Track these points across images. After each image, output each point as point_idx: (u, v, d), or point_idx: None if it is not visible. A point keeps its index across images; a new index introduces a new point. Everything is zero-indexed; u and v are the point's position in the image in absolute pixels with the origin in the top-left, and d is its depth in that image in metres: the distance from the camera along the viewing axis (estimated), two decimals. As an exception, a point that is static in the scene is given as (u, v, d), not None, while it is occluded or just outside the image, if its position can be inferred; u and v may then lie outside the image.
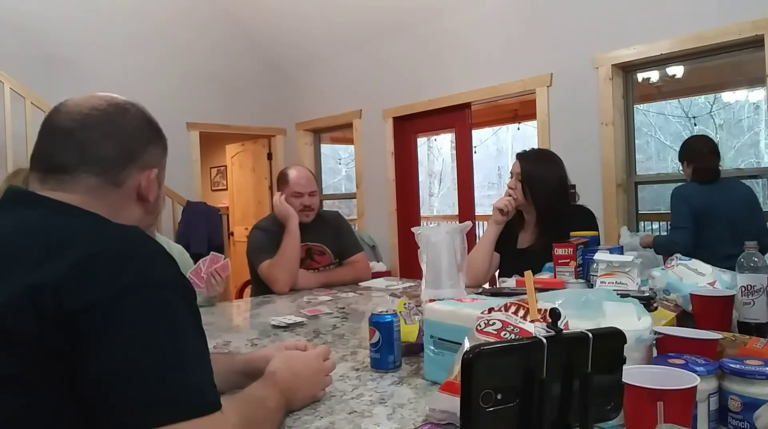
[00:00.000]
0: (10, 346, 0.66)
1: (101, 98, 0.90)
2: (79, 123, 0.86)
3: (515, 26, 4.11)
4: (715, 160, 3.01)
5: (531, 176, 2.15)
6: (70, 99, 0.90)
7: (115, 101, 0.91)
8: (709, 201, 2.91)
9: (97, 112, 0.87)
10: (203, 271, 2.08)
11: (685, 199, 2.95)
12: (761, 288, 1.23)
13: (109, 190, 0.86)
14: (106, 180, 0.86)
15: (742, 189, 3.02)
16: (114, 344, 0.67)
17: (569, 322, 0.85)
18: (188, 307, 0.75)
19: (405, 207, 5.12)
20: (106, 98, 0.90)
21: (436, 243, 1.44)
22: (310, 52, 5.67)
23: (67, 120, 0.86)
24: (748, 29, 3.03)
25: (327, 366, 1.05)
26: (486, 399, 0.55)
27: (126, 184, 0.88)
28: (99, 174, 0.85)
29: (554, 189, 2.14)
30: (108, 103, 0.89)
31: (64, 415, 0.68)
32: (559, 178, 2.17)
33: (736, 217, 2.86)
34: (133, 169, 0.89)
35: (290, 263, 2.36)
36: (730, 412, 0.81)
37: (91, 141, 0.85)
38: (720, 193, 2.93)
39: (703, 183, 2.97)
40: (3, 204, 0.84)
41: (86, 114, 0.87)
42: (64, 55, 4.72)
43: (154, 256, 0.76)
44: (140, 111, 0.93)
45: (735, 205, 2.90)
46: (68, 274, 0.68)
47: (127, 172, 0.88)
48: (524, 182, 2.15)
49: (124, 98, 0.93)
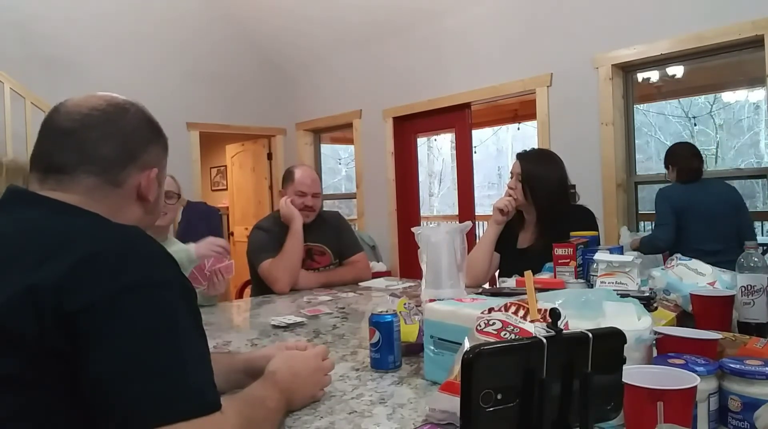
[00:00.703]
0: (10, 346, 0.66)
1: (101, 98, 0.90)
2: (79, 123, 0.86)
3: (515, 26, 4.11)
4: (696, 161, 3.17)
5: (531, 176, 2.15)
6: (69, 99, 0.89)
7: (115, 101, 0.90)
8: (690, 199, 3.07)
9: (97, 112, 0.87)
10: (206, 268, 2.08)
11: (667, 198, 3.13)
12: (761, 288, 1.23)
13: (109, 190, 0.86)
14: (106, 180, 0.86)
15: (725, 188, 3.15)
16: (114, 344, 0.67)
17: (569, 322, 0.85)
18: (188, 307, 0.75)
19: (405, 207, 5.12)
20: (106, 98, 0.90)
21: (436, 243, 1.44)
22: (310, 52, 5.67)
23: (67, 120, 0.86)
24: (748, 29, 3.03)
25: (326, 366, 1.05)
26: (486, 399, 0.55)
27: (126, 184, 0.88)
28: (99, 174, 0.85)
29: (554, 189, 2.14)
30: (108, 102, 0.89)
31: (64, 415, 0.68)
32: (559, 178, 2.17)
33: (716, 214, 3.01)
34: (133, 169, 0.89)
35: (292, 264, 2.37)
36: (730, 412, 0.81)
37: (91, 141, 0.85)
38: (701, 192, 3.09)
39: (686, 182, 3.13)
40: (3, 204, 0.84)
41: (86, 114, 0.86)
42: (64, 56, 4.72)
43: (154, 256, 0.76)
44: (140, 111, 0.93)
45: (715, 203, 3.05)
46: (68, 274, 0.68)
47: (127, 172, 0.88)
48: (524, 182, 2.15)
49: (123, 98, 0.92)
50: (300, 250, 2.41)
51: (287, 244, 2.38)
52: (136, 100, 0.94)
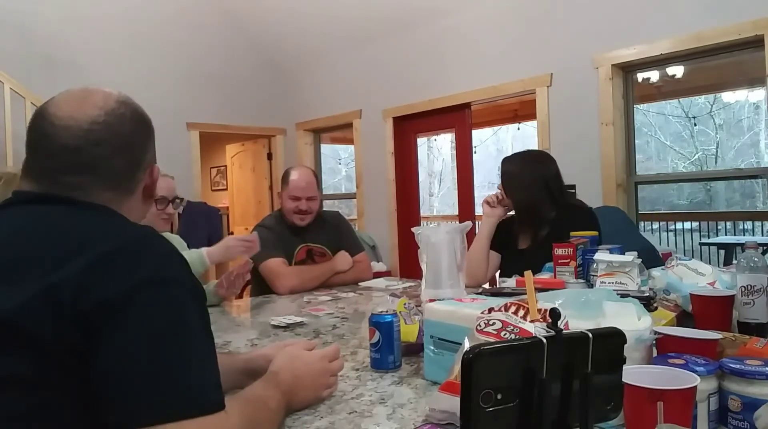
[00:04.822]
0: (27, 346, 0.67)
1: (95, 106, 0.85)
2: (84, 140, 0.83)
3: (515, 26, 4.11)
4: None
5: (504, 175, 2.21)
6: (55, 103, 0.85)
7: (110, 107, 0.86)
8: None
9: (99, 126, 0.84)
10: (234, 273, 2.09)
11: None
12: (761, 288, 1.23)
13: (125, 199, 0.88)
14: (121, 192, 0.87)
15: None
16: (123, 340, 0.67)
17: (569, 322, 0.85)
18: (199, 307, 0.75)
19: (405, 207, 5.12)
20: (99, 105, 0.86)
21: (436, 243, 1.44)
22: (310, 52, 5.67)
23: (69, 137, 0.82)
24: (748, 29, 3.03)
25: (333, 367, 1.05)
26: (486, 399, 0.55)
27: (137, 189, 0.90)
28: (113, 188, 0.86)
29: (529, 187, 2.14)
30: (105, 112, 0.85)
31: (75, 413, 0.68)
32: (540, 177, 2.16)
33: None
34: (141, 174, 0.90)
35: (309, 278, 2.38)
36: (730, 412, 0.81)
37: (102, 159, 0.84)
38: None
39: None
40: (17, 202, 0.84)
41: (88, 130, 0.83)
42: (64, 56, 4.72)
43: (167, 255, 0.76)
44: (131, 109, 0.90)
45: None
46: (85, 273, 0.69)
47: (137, 179, 0.90)
48: (501, 182, 2.22)
49: (113, 97, 0.88)
50: (323, 279, 2.42)
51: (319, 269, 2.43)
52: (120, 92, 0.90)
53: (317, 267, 2.47)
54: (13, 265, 0.72)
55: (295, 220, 2.46)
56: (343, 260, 2.50)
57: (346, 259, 2.51)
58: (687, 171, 11.07)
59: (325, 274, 2.44)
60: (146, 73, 5.10)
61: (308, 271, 2.42)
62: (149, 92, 3.54)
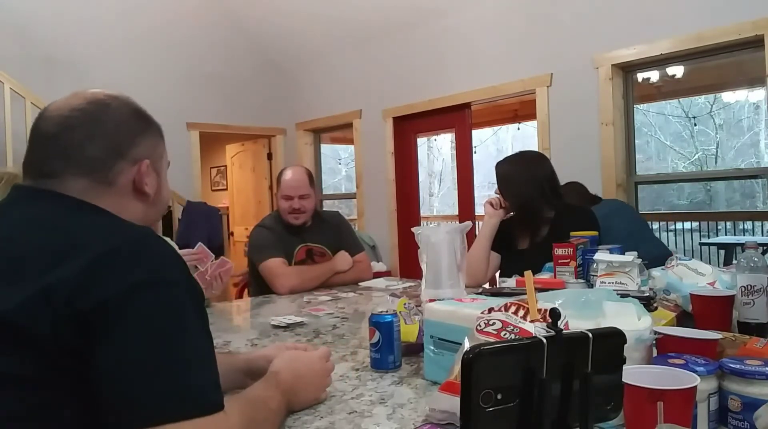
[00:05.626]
0: (26, 346, 0.67)
1: (81, 97, 0.87)
2: (61, 126, 0.84)
3: (515, 26, 4.11)
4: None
5: (498, 176, 2.24)
6: (54, 102, 0.88)
7: (96, 98, 0.88)
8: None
9: (78, 113, 0.85)
10: (209, 273, 2.08)
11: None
12: (761, 288, 1.23)
13: (102, 190, 0.85)
14: (95, 180, 0.84)
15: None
16: (122, 340, 0.67)
17: (569, 322, 0.85)
18: (196, 307, 0.75)
19: (405, 207, 5.12)
20: (86, 96, 0.88)
21: (436, 243, 1.44)
22: (310, 52, 5.67)
23: (50, 125, 0.85)
24: (748, 29, 3.03)
25: (328, 367, 1.05)
26: (486, 399, 0.55)
27: (119, 182, 0.87)
28: (86, 175, 0.83)
29: (522, 187, 2.16)
30: (88, 101, 0.87)
31: (75, 413, 0.68)
32: (532, 177, 2.17)
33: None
34: (124, 165, 0.87)
35: (309, 278, 2.37)
36: (730, 412, 0.81)
37: (75, 143, 0.83)
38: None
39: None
40: (14, 201, 0.84)
41: (67, 116, 0.84)
42: (64, 56, 4.72)
43: (166, 255, 0.76)
44: (123, 104, 0.90)
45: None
46: (82, 273, 0.68)
47: (117, 170, 0.86)
48: (498, 185, 2.24)
49: (106, 93, 0.89)
50: (322, 279, 2.42)
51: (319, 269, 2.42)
52: (120, 92, 0.91)
53: (317, 267, 2.46)
54: (12, 265, 0.72)
55: (289, 219, 2.46)
56: (343, 260, 2.50)
57: (346, 259, 2.51)
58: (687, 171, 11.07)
59: (325, 274, 2.44)
60: (146, 73, 5.10)
61: (308, 271, 2.42)
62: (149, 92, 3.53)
